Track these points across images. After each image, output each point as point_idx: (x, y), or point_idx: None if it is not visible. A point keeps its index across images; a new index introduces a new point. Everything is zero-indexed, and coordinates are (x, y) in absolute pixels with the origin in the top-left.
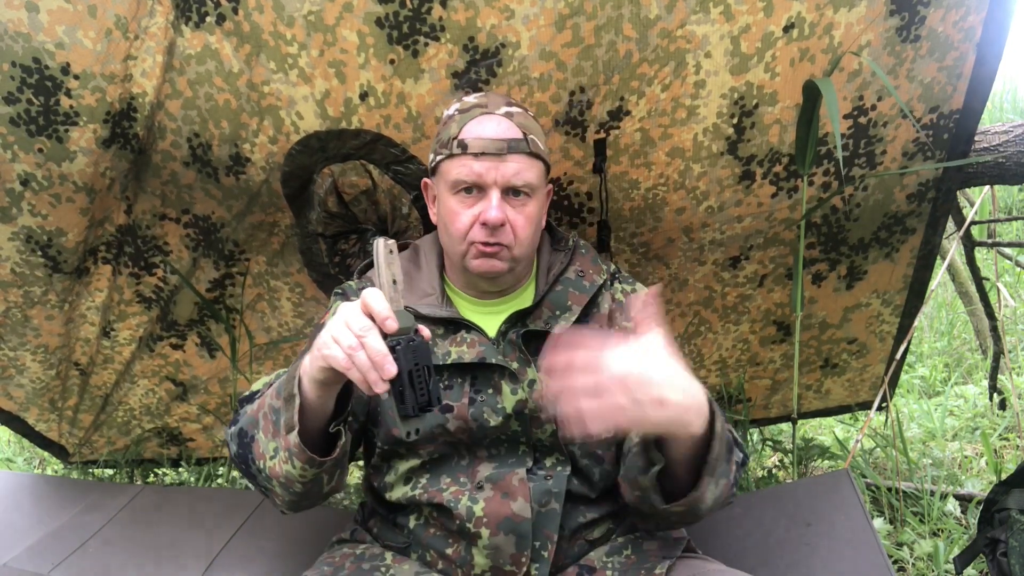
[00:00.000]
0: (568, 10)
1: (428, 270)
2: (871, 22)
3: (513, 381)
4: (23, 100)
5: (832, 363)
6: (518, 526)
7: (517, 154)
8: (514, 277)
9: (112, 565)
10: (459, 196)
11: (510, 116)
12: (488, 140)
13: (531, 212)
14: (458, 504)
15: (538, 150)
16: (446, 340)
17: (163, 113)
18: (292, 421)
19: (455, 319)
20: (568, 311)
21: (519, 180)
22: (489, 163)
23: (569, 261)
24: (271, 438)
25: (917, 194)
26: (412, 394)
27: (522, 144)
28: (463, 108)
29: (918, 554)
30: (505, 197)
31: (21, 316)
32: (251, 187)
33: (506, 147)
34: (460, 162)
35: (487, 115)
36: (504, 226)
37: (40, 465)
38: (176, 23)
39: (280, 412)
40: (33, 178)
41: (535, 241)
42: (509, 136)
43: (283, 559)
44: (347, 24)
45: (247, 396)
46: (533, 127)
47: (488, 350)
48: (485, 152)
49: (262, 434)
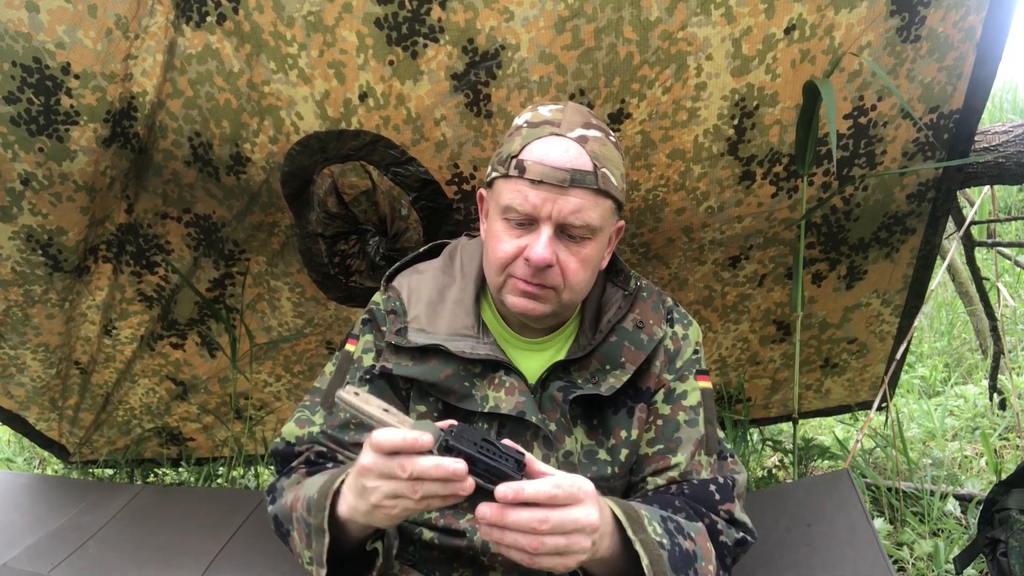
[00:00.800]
0: (568, 12)
1: (463, 287)
2: (871, 23)
3: (547, 447)
4: (24, 100)
5: (832, 363)
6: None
7: (581, 189)
8: (557, 319)
9: (112, 565)
10: (508, 222)
11: (583, 141)
12: (550, 168)
13: (588, 255)
14: (474, 534)
15: (608, 186)
16: (484, 381)
17: (164, 112)
18: (321, 559)
19: (494, 359)
20: (620, 368)
21: (577, 220)
22: (547, 194)
23: (629, 307)
24: (305, 547)
25: (917, 194)
26: (501, 463)
27: (589, 178)
28: (533, 122)
29: (918, 554)
30: (559, 236)
31: (22, 315)
32: (251, 187)
33: (569, 179)
34: (515, 186)
35: (556, 136)
36: (552, 268)
37: (40, 465)
38: (177, 22)
39: (311, 530)
40: (34, 177)
41: (590, 285)
42: (576, 167)
43: (283, 559)
44: (346, 25)
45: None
46: (610, 156)
47: (528, 403)
48: (544, 181)
49: (297, 537)
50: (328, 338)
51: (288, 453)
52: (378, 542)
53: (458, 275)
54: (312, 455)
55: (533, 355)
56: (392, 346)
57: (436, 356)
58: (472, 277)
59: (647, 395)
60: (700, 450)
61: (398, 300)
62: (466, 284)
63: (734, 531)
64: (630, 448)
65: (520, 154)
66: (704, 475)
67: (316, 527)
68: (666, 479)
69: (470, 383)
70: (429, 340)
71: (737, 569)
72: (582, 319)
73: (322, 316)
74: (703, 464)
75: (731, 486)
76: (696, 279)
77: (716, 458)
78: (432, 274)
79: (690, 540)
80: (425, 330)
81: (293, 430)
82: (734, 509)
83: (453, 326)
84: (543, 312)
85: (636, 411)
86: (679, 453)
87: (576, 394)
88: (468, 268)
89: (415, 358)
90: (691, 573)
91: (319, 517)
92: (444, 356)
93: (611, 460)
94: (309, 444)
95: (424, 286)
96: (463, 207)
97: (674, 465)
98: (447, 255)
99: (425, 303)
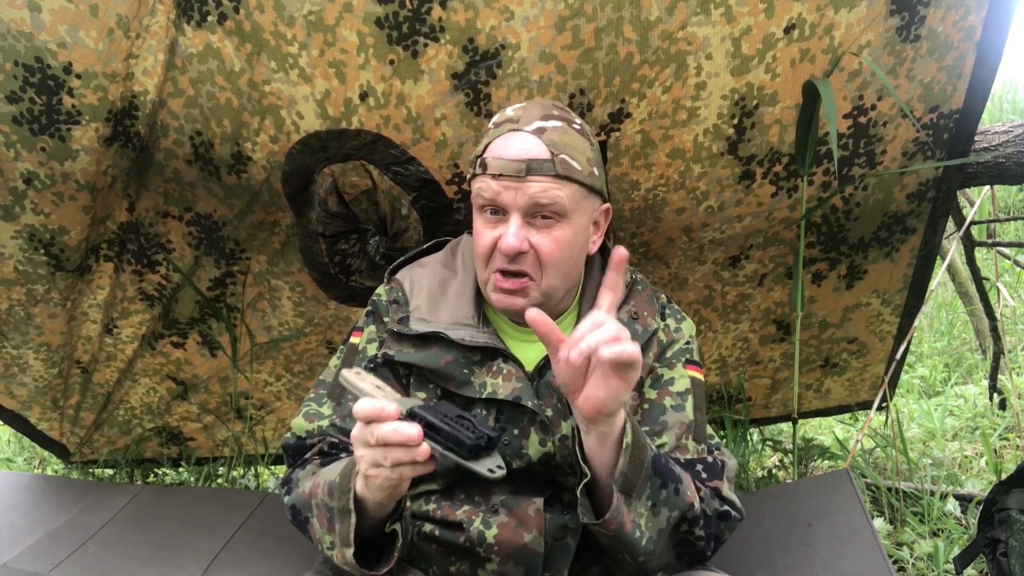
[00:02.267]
0: (568, 12)
1: (464, 279)
2: (871, 22)
3: (544, 431)
4: (26, 99)
5: (832, 362)
6: (529, 559)
7: (540, 175)
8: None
9: (112, 565)
10: (485, 216)
11: (540, 132)
12: (506, 161)
13: (562, 236)
14: (471, 525)
15: (568, 171)
16: (483, 369)
17: (166, 111)
18: (348, 539)
19: (493, 347)
20: None
21: (545, 199)
22: (507, 184)
23: (624, 299)
24: (326, 531)
25: (917, 194)
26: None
27: (547, 165)
28: (497, 122)
29: (918, 554)
30: (531, 220)
31: (24, 314)
32: (252, 186)
33: (525, 168)
34: (481, 182)
35: (514, 132)
36: (526, 253)
37: (40, 465)
38: (178, 22)
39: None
40: (36, 176)
41: (572, 269)
42: (531, 156)
43: (283, 559)
44: (347, 24)
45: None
46: (571, 143)
47: (524, 389)
48: (503, 174)
49: (317, 523)
50: (328, 337)
51: (300, 447)
52: (397, 524)
53: (459, 268)
54: (325, 446)
55: (531, 345)
56: (394, 334)
57: (437, 343)
58: (472, 270)
59: (638, 383)
60: (688, 435)
61: (401, 291)
62: (467, 277)
63: (716, 503)
64: None
65: (483, 153)
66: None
67: (340, 509)
68: None
69: (469, 370)
70: (430, 328)
71: (737, 569)
72: (580, 310)
73: (322, 315)
74: (690, 449)
75: (720, 467)
76: (696, 279)
77: (705, 448)
78: (434, 267)
79: (679, 467)
80: (427, 319)
81: (302, 424)
82: (722, 487)
83: (454, 316)
84: (524, 305)
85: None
86: (663, 435)
87: None
88: (469, 262)
89: (416, 345)
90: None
91: (344, 499)
92: (445, 344)
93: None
94: (320, 437)
95: (426, 278)
96: (463, 207)
97: (659, 446)
98: (449, 250)
99: (427, 294)
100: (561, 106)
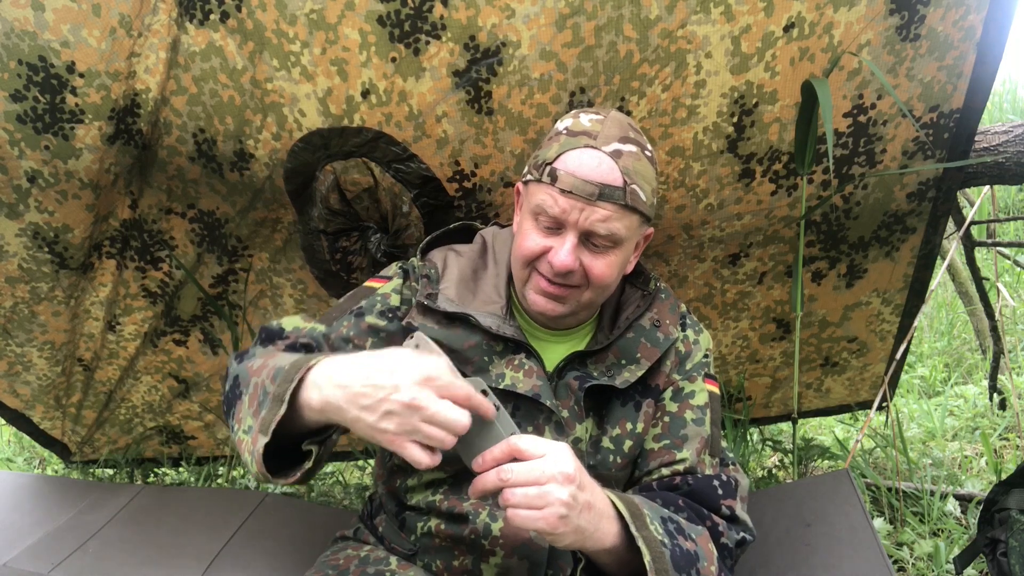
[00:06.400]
0: (568, 10)
1: (496, 272)
2: (871, 21)
3: (558, 431)
4: (30, 98)
5: (832, 361)
6: (533, 554)
7: (609, 203)
8: (575, 319)
9: (112, 565)
10: (538, 222)
11: (617, 156)
12: (580, 180)
13: (612, 261)
14: (477, 517)
15: (636, 202)
16: (503, 360)
17: (168, 109)
18: (267, 428)
19: (517, 340)
20: (635, 363)
21: (603, 229)
22: (575, 203)
23: (647, 306)
24: (251, 414)
25: (917, 193)
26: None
27: (618, 193)
28: (572, 130)
29: (918, 554)
30: (583, 242)
31: (28, 312)
32: (255, 183)
33: (597, 193)
34: (547, 192)
35: (591, 149)
36: (574, 272)
37: (40, 465)
38: (180, 20)
39: (266, 399)
40: (40, 175)
41: (613, 287)
42: (606, 181)
43: (283, 559)
44: (349, 22)
45: (272, 333)
46: (642, 172)
47: (544, 388)
48: (573, 192)
49: (247, 402)
50: None
51: (277, 333)
52: (314, 446)
53: (491, 262)
54: (298, 343)
55: (552, 345)
56: (422, 306)
57: (463, 325)
58: (504, 263)
59: (655, 392)
60: (705, 449)
61: (434, 268)
62: (499, 271)
63: (735, 532)
64: (634, 440)
65: (555, 162)
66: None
67: (275, 395)
68: (671, 471)
69: (489, 358)
70: (460, 308)
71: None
72: (601, 315)
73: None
74: (707, 463)
75: (734, 485)
76: (696, 276)
77: (719, 462)
78: (469, 257)
79: (691, 541)
80: (454, 301)
81: (295, 321)
82: (735, 506)
83: (483, 304)
84: (562, 312)
85: (643, 406)
86: (684, 449)
87: (591, 383)
88: (501, 256)
89: (441, 323)
90: (693, 573)
91: (283, 388)
92: (470, 327)
93: (615, 449)
94: (306, 338)
95: (460, 265)
96: (464, 204)
97: (679, 460)
98: (481, 242)
99: (457, 280)
100: (636, 127)
